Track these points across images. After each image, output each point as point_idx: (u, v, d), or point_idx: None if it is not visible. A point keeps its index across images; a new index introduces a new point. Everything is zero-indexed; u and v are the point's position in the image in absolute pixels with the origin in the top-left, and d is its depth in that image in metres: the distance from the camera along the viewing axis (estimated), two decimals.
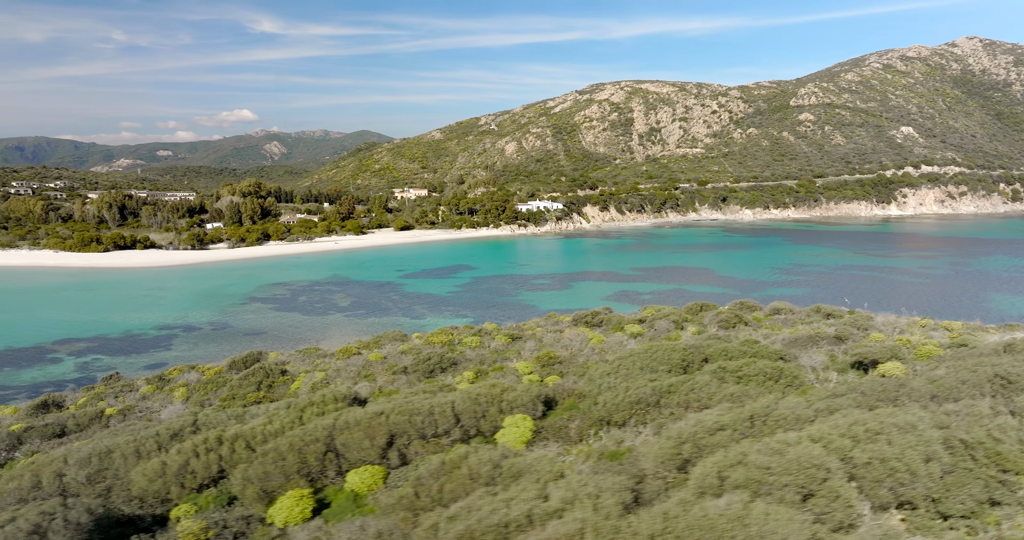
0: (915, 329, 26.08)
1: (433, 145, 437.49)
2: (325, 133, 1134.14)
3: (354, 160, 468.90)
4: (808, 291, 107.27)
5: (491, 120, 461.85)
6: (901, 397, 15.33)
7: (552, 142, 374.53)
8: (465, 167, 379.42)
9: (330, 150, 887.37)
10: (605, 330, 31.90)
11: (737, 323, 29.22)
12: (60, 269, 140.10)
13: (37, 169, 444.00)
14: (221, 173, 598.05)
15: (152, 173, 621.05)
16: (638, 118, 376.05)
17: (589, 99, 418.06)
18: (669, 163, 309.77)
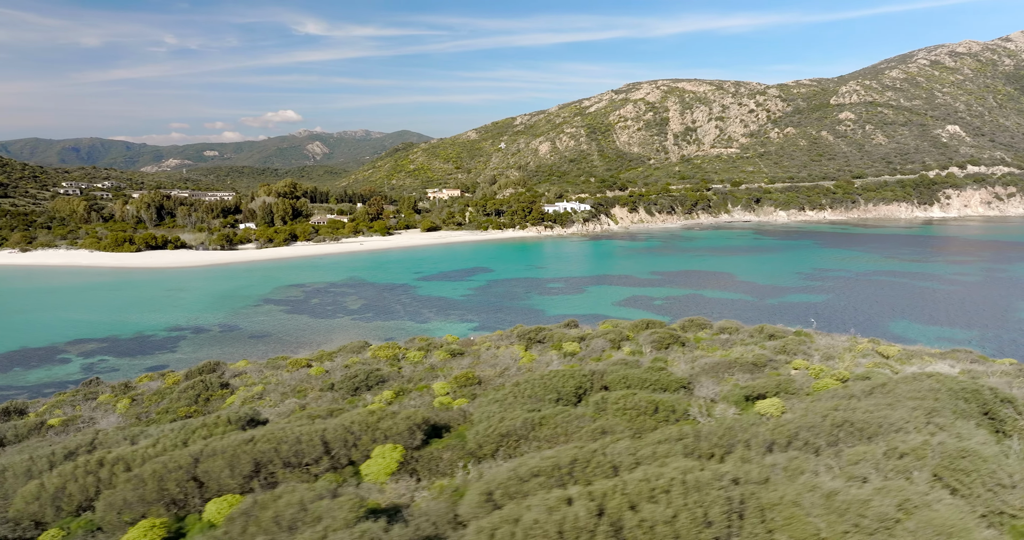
0: (847, 354, 24.87)
1: (468, 145, 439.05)
2: (366, 133, 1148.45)
3: (390, 160, 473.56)
4: (827, 298, 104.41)
5: (526, 120, 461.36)
6: (737, 444, 14.54)
7: (586, 142, 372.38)
8: (498, 167, 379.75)
9: (370, 150, 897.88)
10: (545, 348, 31.29)
11: (672, 344, 28.31)
12: (92, 268, 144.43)
13: (87, 169, 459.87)
14: (263, 173, 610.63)
15: (197, 173, 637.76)
16: (673, 117, 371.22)
17: (625, 98, 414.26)
18: (703, 163, 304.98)
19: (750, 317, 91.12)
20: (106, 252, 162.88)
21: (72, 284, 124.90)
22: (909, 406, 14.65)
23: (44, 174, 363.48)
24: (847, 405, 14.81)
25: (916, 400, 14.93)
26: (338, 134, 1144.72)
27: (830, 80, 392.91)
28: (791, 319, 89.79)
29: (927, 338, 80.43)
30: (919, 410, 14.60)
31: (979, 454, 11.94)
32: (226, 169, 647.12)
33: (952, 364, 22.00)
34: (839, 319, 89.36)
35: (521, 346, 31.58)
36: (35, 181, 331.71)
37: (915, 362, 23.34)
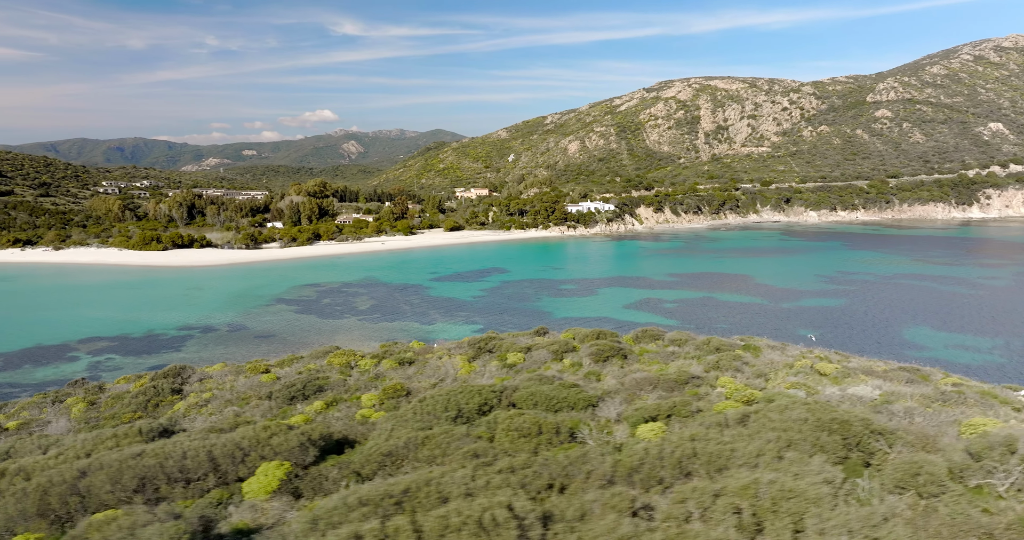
0: (781, 372, 23.90)
1: (497, 144, 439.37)
2: (401, 132, 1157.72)
3: (420, 159, 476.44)
4: (844, 302, 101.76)
5: (556, 119, 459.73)
6: (578, 476, 14.04)
7: (616, 141, 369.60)
8: (527, 166, 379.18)
9: (404, 149, 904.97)
10: (490, 358, 30.82)
11: (612, 356, 27.59)
12: (119, 267, 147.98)
13: (128, 169, 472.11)
14: (298, 172, 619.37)
15: (234, 172, 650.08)
16: (705, 116, 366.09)
17: (656, 97, 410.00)
18: (732, 162, 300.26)
19: (760, 322, 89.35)
20: (134, 250, 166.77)
21: (95, 282, 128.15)
22: (768, 438, 13.94)
23: (86, 173, 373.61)
24: (706, 435, 14.15)
25: (779, 431, 14.19)
26: (373, 133, 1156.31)
27: (867, 77, 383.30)
28: (803, 324, 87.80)
29: (941, 346, 77.87)
30: (776, 442, 13.89)
31: (805, 495, 11.26)
32: (262, 168, 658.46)
33: (879, 385, 20.94)
34: (853, 325, 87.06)
35: (465, 356, 31.16)
36: (77, 180, 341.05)
37: (849, 381, 22.31)
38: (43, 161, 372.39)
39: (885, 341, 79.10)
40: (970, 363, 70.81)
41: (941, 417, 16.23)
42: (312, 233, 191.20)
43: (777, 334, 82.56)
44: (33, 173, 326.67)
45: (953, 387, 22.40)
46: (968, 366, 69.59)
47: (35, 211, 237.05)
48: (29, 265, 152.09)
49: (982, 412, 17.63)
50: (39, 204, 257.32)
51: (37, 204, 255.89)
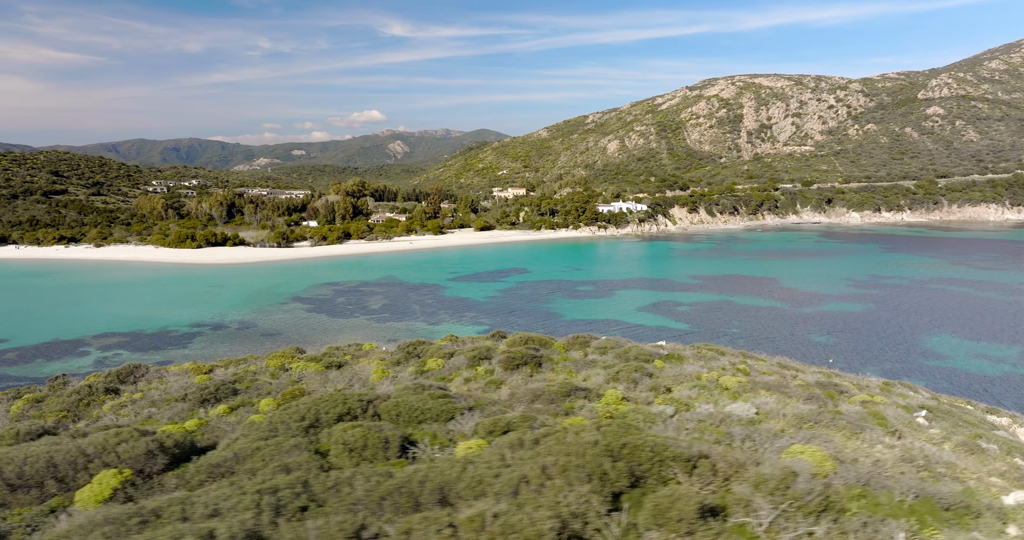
0: (684, 385, 22.50)
1: (537, 144, 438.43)
2: (446, 132, 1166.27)
3: (461, 159, 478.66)
4: (868, 308, 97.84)
5: (597, 118, 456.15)
6: (331, 498, 13.25)
7: (656, 140, 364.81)
8: (566, 166, 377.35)
9: (449, 149, 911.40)
10: (411, 364, 30.08)
11: (523, 364, 26.52)
12: (152, 264, 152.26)
13: (179, 169, 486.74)
14: (343, 172, 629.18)
15: (282, 172, 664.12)
16: (748, 114, 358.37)
17: (699, 95, 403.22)
18: (773, 162, 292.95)
19: (772, 327, 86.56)
20: (169, 248, 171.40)
21: (124, 279, 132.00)
22: (543, 463, 12.88)
23: (138, 173, 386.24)
24: (479, 457, 13.17)
25: (561, 455, 13.12)
26: (419, 133, 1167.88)
27: (919, 73, 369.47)
28: (817, 330, 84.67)
29: (964, 355, 74.04)
30: (553, 467, 12.84)
31: (524, 532, 10.30)
32: (308, 168, 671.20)
33: (765, 402, 19.46)
34: (870, 331, 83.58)
35: (384, 361, 30.50)
36: (128, 180, 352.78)
37: (746, 397, 20.86)
38: (98, 161, 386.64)
39: (902, 349, 75.65)
40: (990, 374, 67.17)
41: (780, 442, 14.88)
42: (342, 232, 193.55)
43: (788, 340, 79.90)
44: (88, 173, 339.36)
45: (861, 405, 20.76)
46: (988, 378, 66.07)
47: (84, 209, 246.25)
48: (68, 261, 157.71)
49: (843, 435, 16.17)
50: (90, 203, 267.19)
51: (88, 203, 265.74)
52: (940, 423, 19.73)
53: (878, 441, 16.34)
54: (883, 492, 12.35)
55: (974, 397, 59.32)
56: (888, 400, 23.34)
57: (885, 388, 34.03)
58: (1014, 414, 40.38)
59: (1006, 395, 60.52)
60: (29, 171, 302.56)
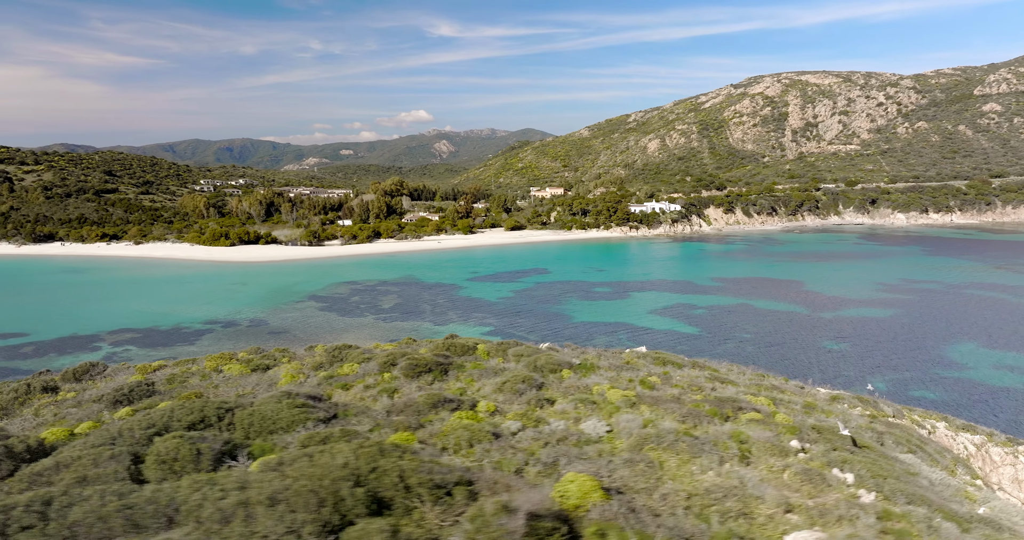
0: (567, 398, 21.42)
1: (577, 143, 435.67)
2: (492, 131, 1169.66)
3: (501, 159, 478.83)
4: (892, 314, 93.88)
5: (639, 117, 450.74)
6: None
7: (697, 139, 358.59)
8: (605, 165, 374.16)
9: (494, 148, 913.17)
10: (330, 368, 29.62)
11: (426, 372, 25.74)
12: (185, 261, 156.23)
13: (227, 168, 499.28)
14: (388, 171, 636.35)
15: (329, 171, 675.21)
16: (793, 112, 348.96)
17: (743, 93, 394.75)
18: (816, 161, 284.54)
19: (784, 332, 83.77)
20: (204, 246, 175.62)
21: (154, 276, 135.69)
22: (277, 488, 12.17)
23: (187, 172, 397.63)
24: (213, 480, 12.52)
25: (304, 479, 12.35)
26: (465, 133, 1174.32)
27: (976, 69, 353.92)
28: (831, 336, 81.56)
29: (985, 365, 70.26)
30: (284, 493, 12.11)
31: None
32: (354, 167, 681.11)
33: (630, 419, 18.30)
34: (887, 338, 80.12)
35: (300, 364, 30.11)
36: (177, 179, 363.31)
37: (624, 412, 19.74)
38: (149, 161, 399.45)
39: (916, 357, 72.18)
40: (1006, 385, 63.42)
41: (578, 466, 13.87)
42: (372, 231, 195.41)
43: (797, 346, 77.15)
44: (139, 172, 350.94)
45: (745, 425, 19.42)
46: (1001, 390, 62.42)
47: (131, 208, 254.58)
48: (107, 258, 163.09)
49: (680, 459, 15.02)
50: (138, 201, 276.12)
51: (136, 201, 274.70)
52: (818, 446, 18.24)
53: (709, 467, 15.14)
54: (633, 531, 11.33)
55: (981, 410, 56.19)
56: (794, 419, 21.81)
57: (831, 401, 32.16)
58: (992, 432, 37.89)
59: (1010, 408, 57.04)
60: (84, 171, 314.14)
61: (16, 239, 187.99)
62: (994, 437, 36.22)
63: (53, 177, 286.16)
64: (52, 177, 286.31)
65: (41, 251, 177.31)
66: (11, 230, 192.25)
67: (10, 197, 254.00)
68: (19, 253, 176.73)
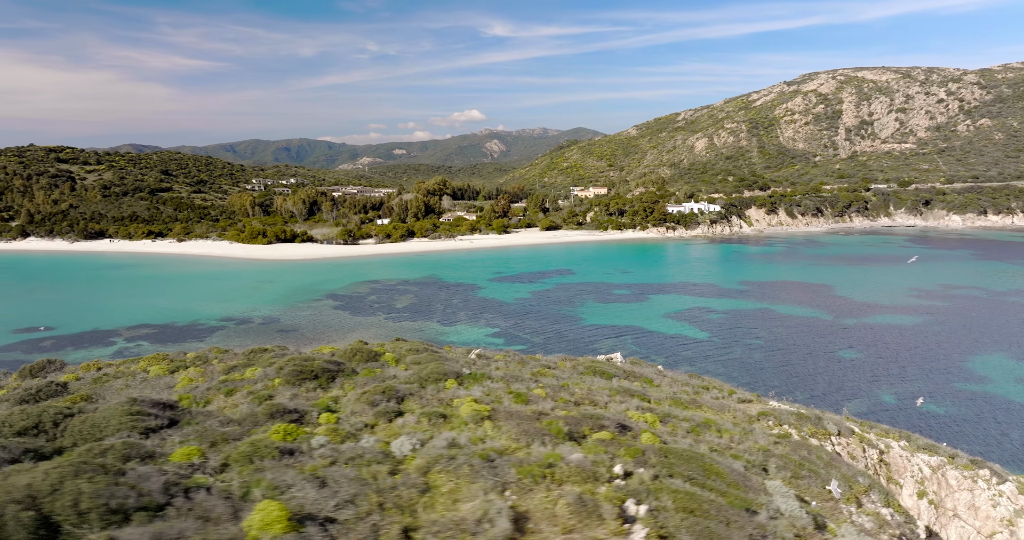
0: (424, 410, 20.49)
1: (624, 142, 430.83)
2: (544, 131, 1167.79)
3: (547, 158, 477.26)
4: (921, 321, 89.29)
5: (689, 115, 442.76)
6: None
7: (746, 138, 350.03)
8: (651, 165, 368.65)
9: (545, 147, 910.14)
10: (237, 371, 29.33)
11: (312, 378, 25.10)
12: (222, 259, 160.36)
13: (280, 167, 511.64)
14: (437, 170, 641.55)
15: (381, 170, 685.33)
16: (847, 110, 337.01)
17: (796, 90, 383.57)
18: (869, 161, 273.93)
19: (796, 339, 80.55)
20: (241, 244, 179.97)
21: (189, 272, 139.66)
22: None
23: (241, 172, 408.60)
24: None
25: None
26: (516, 132, 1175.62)
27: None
28: (847, 344, 77.84)
29: (1009, 378, 65.90)
30: None
31: None
32: (404, 167, 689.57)
33: (451, 438, 17.30)
34: (906, 347, 76.09)
35: (195, 368, 29.92)
36: (230, 178, 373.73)
37: (469, 428, 18.73)
38: (204, 161, 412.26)
39: (933, 368, 68.25)
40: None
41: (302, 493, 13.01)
42: (406, 230, 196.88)
43: (807, 353, 73.95)
44: (194, 171, 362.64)
45: (569, 446, 18.18)
46: (1017, 405, 58.36)
47: (181, 206, 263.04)
48: (149, 255, 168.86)
49: (465, 481, 14.02)
50: (190, 199, 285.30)
51: (188, 200, 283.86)
52: (649, 471, 16.83)
53: (477, 495, 14.05)
54: None
55: (989, 427, 52.63)
56: (660, 439, 20.35)
57: (753, 420, 30.18)
58: (955, 453, 35.05)
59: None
60: (142, 170, 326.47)
61: (69, 236, 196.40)
62: (956, 459, 33.60)
63: (112, 176, 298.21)
64: (112, 176, 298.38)
65: (91, 247, 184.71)
66: (65, 227, 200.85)
67: (71, 195, 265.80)
68: (71, 249, 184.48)
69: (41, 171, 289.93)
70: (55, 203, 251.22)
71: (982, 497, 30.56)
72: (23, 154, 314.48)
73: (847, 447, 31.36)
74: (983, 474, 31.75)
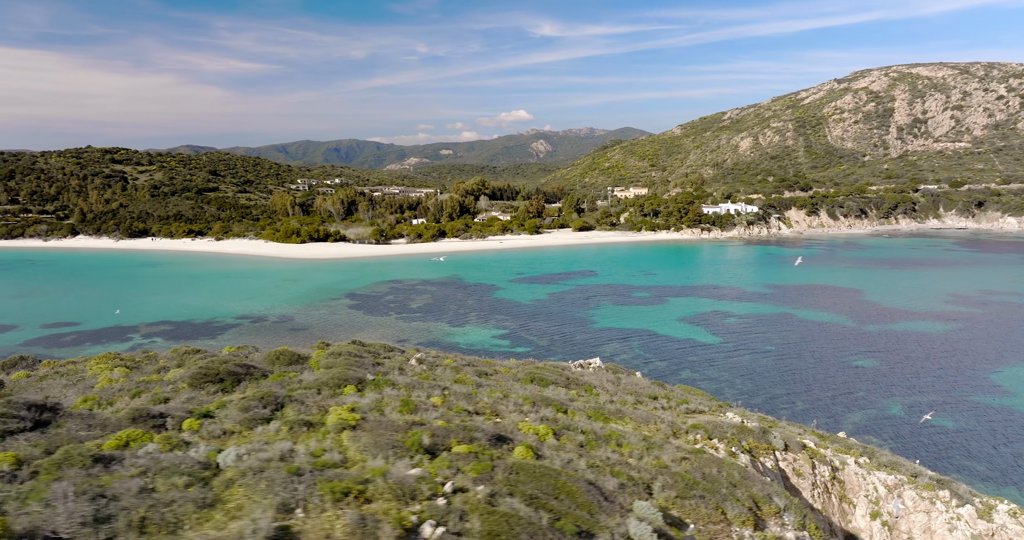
0: (299, 419, 19.92)
1: (667, 142, 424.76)
2: (590, 131, 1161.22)
3: (588, 158, 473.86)
4: (950, 329, 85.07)
5: (735, 114, 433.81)
6: None
7: (792, 137, 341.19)
8: (694, 165, 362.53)
9: (591, 147, 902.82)
10: (139, 372, 29.31)
11: (218, 382, 24.77)
12: (255, 257, 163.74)
13: (325, 168, 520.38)
14: (482, 170, 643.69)
15: (426, 170, 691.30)
16: (899, 108, 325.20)
17: (846, 88, 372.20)
18: (919, 160, 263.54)
19: (813, 345, 77.60)
20: (275, 243, 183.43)
21: (219, 270, 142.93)
22: None
23: (287, 172, 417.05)
24: None
25: None
26: (563, 132, 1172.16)
27: None
28: (862, 351, 74.54)
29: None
30: None
31: None
32: (449, 167, 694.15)
33: (287, 449, 16.69)
34: (924, 356, 72.45)
35: (119, 370, 29.96)
36: (276, 178, 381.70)
37: (329, 438, 18.07)
38: (252, 161, 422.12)
39: (950, 378, 64.73)
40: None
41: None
42: (437, 230, 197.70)
43: (819, 360, 71.03)
44: (241, 172, 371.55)
45: (414, 459, 17.32)
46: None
47: (224, 205, 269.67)
48: (186, 253, 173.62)
49: (256, 500, 13.42)
50: (235, 199, 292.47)
51: (233, 199, 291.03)
52: (489, 488, 15.91)
53: (255, 512, 13.38)
54: None
55: (992, 440, 49.55)
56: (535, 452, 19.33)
57: (677, 434, 28.60)
58: (918, 471, 32.78)
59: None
60: (191, 171, 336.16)
61: (115, 234, 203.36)
62: (918, 478, 31.46)
63: (163, 177, 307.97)
64: (162, 176, 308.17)
65: (133, 245, 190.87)
66: (112, 226, 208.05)
67: (122, 195, 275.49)
68: (116, 247, 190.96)
69: (96, 171, 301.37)
70: (107, 202, 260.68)
71: (939, 520, 28.59)
72: (81, 156, 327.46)
73: (793, 463, 29.70)
74: (943, 495, 29.71)
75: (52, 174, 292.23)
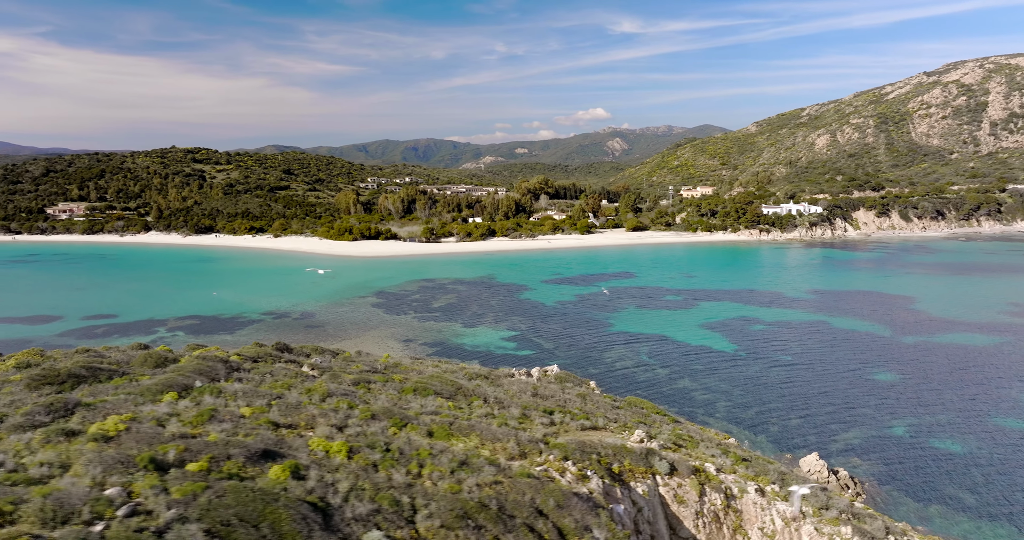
0: (100, 423, 19.34)
1: (740, 140, 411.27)
2: (668, 128, 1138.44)
3: (658, 157, 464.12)
4: (999, 342, 78.24)
5: (814, 111, 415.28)
6: None
7: (873, 134, 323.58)
8: (766, 163, 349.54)
9: (668, 145, 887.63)
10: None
11: (54, 384, 24.65)
12: (307, 254, 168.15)
13: (397, 167, 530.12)
14: (554, 169, 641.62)
15: (499, 169, 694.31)
16: (994, 101, 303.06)
17: (935, 81, 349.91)
18: (1010, 158, 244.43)
19: (835, 356, 72.72)
20: (329, 240, 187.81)
21: (265, 266, 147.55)
22: None
23: (359, 171, 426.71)
24: None
25: None
26: (640, 130, 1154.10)
27: None
28: (886, 366, 69.18)
29: None
30: None
31: None
32: (520, 165, 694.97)
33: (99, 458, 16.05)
34: (951, 370, 66.47)
35: (4, 366, 30.36)
36: (347, 177, 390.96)
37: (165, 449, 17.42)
38: (326, 160, 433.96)
39: (972, 396, 58.96)
40: None
41: None
42: (487, 229, 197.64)
43: (835, 373, 66.32)
44: (314, 170, 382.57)
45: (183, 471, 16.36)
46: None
47: (290, 203, 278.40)
48: (244, 249, 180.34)
49: None
50: (303, 197, 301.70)
51: (302, 197, 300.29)
52: (180, 510, 14.83)
53: None
54: None
55: (995, 466, 44.70)
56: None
57: (624, 450, 26.38)
58: (830, 504, 29.56)
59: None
60: (266, 169, 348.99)
61: (183, 230, 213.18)
62: (827, 511, 28.24)
63: (239, 175, 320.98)
64: (238, 175, 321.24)
65: (198, 241, 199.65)
66: (180, 222, 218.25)
67: (198, 193, 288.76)
68: (182, 242, 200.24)
69: (177, 170, 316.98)
70: (183, 200, 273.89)
71: None
72: (165, 155, 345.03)
73: (676, 489, 27.43)
74: (844, 532, 26.63)
75: (138, 173, 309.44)
